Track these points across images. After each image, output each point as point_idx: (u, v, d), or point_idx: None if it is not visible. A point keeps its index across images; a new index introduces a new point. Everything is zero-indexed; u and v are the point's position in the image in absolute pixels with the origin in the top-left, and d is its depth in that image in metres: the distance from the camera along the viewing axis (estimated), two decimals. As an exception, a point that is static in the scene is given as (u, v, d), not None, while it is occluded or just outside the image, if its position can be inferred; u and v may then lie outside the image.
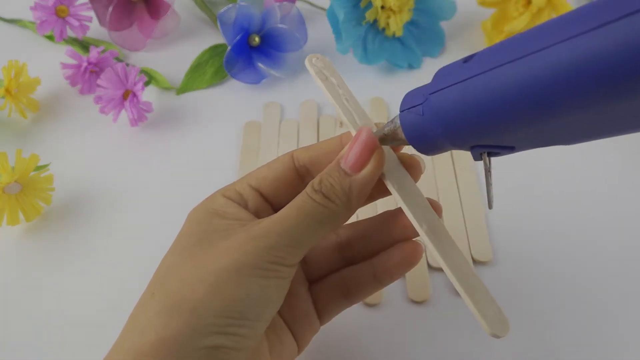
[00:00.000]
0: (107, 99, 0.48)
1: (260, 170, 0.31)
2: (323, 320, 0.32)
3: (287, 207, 0.28)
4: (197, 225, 0.29)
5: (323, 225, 0.28)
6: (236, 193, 0.30)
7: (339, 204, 0.28)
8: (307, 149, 0.31)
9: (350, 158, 0.28)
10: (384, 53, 0.53)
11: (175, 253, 0.28)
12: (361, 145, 0.28)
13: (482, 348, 0.36)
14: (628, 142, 0.47)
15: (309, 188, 0.28)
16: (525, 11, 0.51)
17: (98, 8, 0.55)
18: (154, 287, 0.27)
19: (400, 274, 0.31)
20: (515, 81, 0.21)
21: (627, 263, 0.40)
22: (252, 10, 0.51)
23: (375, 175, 0.28)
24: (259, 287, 0.26)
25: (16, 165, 0.41)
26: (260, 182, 0.30)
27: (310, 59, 0.31)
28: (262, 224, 0.27)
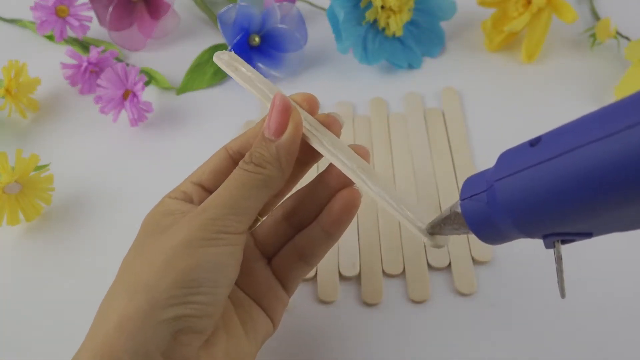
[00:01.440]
0: (107, 99, 0.48)
1: (199, 167, 0.33)
2: (289, 291, 0.34)
3: (224, 183, 0.30)
4: (148, 226, 0.30)
5: (260, 189, 0.30)
6: (181, 192, 0.32)
7: (271, 168, 0.30)
8: (237, 138, 0.33)
9: (271, 125, 0.30)
10: (384, 53, 0.53)
11: (131, 253, 0.30)
12: (277, 110, 0.30)
13: (482, 348, 0.36)
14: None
15: (241, 163, 0.30)
16: (525, 11, 0.51)
17: (98, 8, 0.55)
18: (113, 285, 0.29)
19: (346, 221, 0.33)
20: (592, 165, 0.19)
21: (627, 263, 0.40)
22: (252, 10, 0.51)
23: (297, 134, 0.31)
24: (211, 255, 0.28)
25: (16, 165, 0.41)
26: (200, 177, 0.32)
27: (218, 55, 0.33)
28: (204, 203, 0.30)
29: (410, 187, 0.44)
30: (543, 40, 0.52)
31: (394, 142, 0.47)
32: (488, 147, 0.47)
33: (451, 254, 0.40)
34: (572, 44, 0.55)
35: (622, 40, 0.53)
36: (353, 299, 0.39)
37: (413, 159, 0.46)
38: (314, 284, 0.39)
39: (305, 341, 0.37)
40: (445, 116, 0.49)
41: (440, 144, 0.47)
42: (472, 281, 0.39)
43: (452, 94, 0.51)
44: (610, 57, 0.54)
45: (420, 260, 0.40)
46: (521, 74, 0.53)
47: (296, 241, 0.34)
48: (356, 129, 0.49)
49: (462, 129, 0.48)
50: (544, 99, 0.51)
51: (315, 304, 0.39)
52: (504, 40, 0.54)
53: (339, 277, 0.40)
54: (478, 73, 0.53)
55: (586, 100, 0.50)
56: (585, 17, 0.57)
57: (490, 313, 0.37)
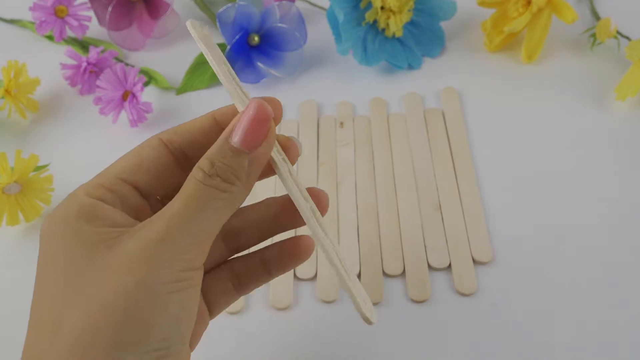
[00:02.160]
0: (106, 100, 0.48)
1: (127, 159, 0.27)
2: (213, 314, 0.30)
3: (179, 199, 0.24)
4: (60, 240, 0.24)
5: (224, 210, 0.25)
6: (105, 190, 0.26)
7: (240, 185, 0.25)
8: (178, 132, 0.28)
9: (246, 135, 0.25)
10: (384, 54, 0.52)
11: (49, 283, 0.24)
12: (257, 120, 0.26)
13: (482, 347, 0.36)
14: (628, 143, 0.47)
15: (200, 173, 0.25)
16: (525, 11, 0.51)
17: (97, 8, 0.55)
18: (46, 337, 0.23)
19: (292, 267, 0.30)
20: None
21: (628, 263, 0.40)
22: (251, 9, 0.51)
23: (270, 149, 0.26)
24: (177, 303, 0.23)
25: (16, 166, 0.41)
26: (133, 173, 0.26)
27: (193, 23, 0.28)
28: (156, 224, 0.24)
29: (410, 187, 0.44)
30: (543, 41, 0.52)
31: (394, 142, 0.47)
32: (488, 147, 0.47)
33: (451, 254, 0.40)
34: (572, 44, 0.55)
35: (622, 40, 0.53)
36: (353, 300, 0.39)
37: (413, 159, 0.46)
38: (314, 283, 0.39)
39: (305, 340, 0.37)
40: (445, 116, 0.49)
41: (440, 144, 0.47)
42: (473, 281, 0.39)
43: (452, 94, 0.51)
44: (611, 57, 0.54)
45: (420, 260, 0.40)
46: (521, 74, 0.53)
47: (234, 267, 0.30)
48: (356, 129, 0.48)
49: (462, 129, 0.48)
50: (544, 99, 0.51)
51: (315, 303, 0.39)
52: (504, 40, 0.54)
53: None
54: (478, 73, 0.53)
55: (586, 100, 0.50)
56: (585, 17, 0.57)
57: (490, 313, 0.37)
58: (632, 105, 0.49)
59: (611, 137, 0.47)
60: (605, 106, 0.50)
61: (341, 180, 0.45)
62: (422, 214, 0.42)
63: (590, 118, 0.49)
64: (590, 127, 0.48)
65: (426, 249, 0.40)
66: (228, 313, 0.38)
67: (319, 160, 0.46)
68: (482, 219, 0.42)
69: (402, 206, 0.43)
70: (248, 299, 0.39)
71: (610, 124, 0.48)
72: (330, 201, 0.43)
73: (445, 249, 0.40)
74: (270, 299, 0.38)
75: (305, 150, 0.47)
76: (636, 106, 0.49)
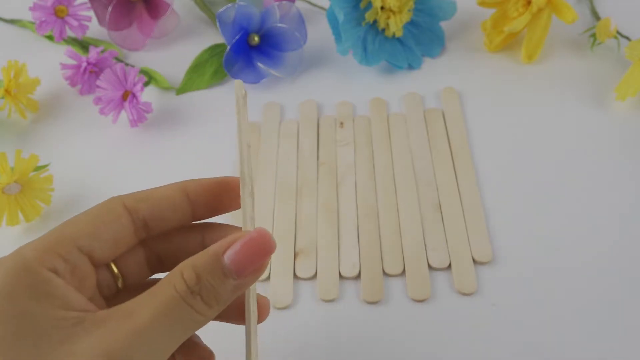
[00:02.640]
0: (106, 100, 0.48)
1: (85, 222, 0.24)
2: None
3: (148, 310, 0.22)
4: (4, 322, 0.21)
5: (192, 332, 0.23)
6: (59, 259, 0.23)
7: (217, 309, 0.23)
8: (144, 200, 0.26)
9: (243, 263, 0.23)
10: (384, 54, 0.52)
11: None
12: (260, 252, 0.24)
13: (483, 346, 0.36)
14: (628, 143, 0.47)
15: (182, 286, 0.22)
16: (525, 11, 0.51)
17: (97, 8, 0.55)
18: None
19: None
20: None
21: (627, 263, 0.40)
22: (251, 9, 0.51)
23: (255, 281, 0.24)
24: None
25: (16, 166, 0.41)
26: (90, 240, 0.24)
27: (242, 84, 0.27)
28: (116, 332, 0.21)
29: (410, 187, 0.44)
30: (543, 41, 0.52)
31: (394, 142, 0.47)
32: (488, 147, 0.47)
33: (451, 254, 0.40)
34: (572, 44, 0.55)
35: (622, 40, 0.53)
36: (353, 298, 0.39)
37: (413, 159, 0.46)
38: (314, 282, 0.39)
39: (306, 340, 0.37)
40: (445, 116, 0.49)
41: (440, 144, 0.47)
42: (473, 281, 0.39)
43: (452, 94, 0.51)
44: (611, 57, 0.54)
45: (420, 260, 0.40)
46: (521, 74, 0.53)
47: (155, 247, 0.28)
48: (356, 130, 0.48)
49: (462, 129, 0.48)
50: (544, 99, 0.51)
51: (315, 302, 0.39)
52: (504, 40, 0.54)
53: (339, 275, 0.40)
54: (478, 73, 0.53)
55: (586, 100, 0.50)
56: (585, 17, 0.57)
57: (490, 313, 0.37)
58: (632, 105, 0.49)
59: (611, 137, 0.47)
60: (605, 106, 0.50)
61: (341, 180, 0.45)
62: (422, 214, 0.42)
63: (590, 118, 0.49)
64: (590, 127, 0.48)
65: (426, 249, 0.40)
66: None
67: (319, 160, 0.46)
68: (482, 218, 0.42)
69: (402, 206, 0.43)
70: (248, 299, 0.39)
71: (610, 124, 0.48)
72: (330, 201, 0.43)
73: (445, 249, 0.40)
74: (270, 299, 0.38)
75: (306, 151, 0.47)
76: (636, 106, 0.49)
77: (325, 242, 0.41)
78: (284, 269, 0.40)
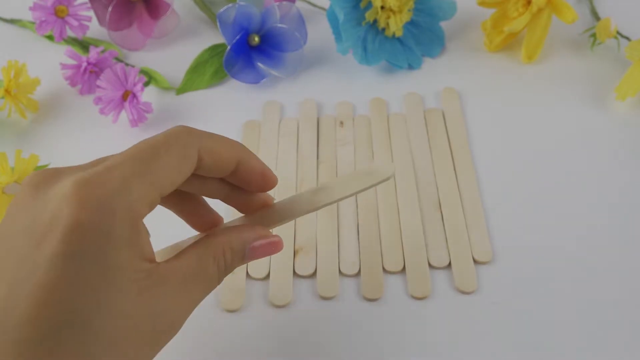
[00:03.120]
0: (106, 100, 0.48)
1: (168, 170, 0.26)
2: None
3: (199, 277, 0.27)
4: (83, 263, 0.23)
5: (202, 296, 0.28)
6: (149, 211, 0.26)
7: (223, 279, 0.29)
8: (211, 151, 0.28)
9: (257, 254, 0.30)
10: (384, 53, 0.52)
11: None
12: (271, 252, 0.30)
13: (483, 345, 0.36)
14: (628, 143, 0.47)
15: (222, 266, 0.28)
16: (525, 11, 0.51)
17: (97, 8, 0.55)
18: None
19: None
20: None
21: (627, 263, 0.40)
22: (251, 9, 0.51)
23: None
24: None
25: (16, 166, 0.41)
26: (169, 190, 0.26)
27: (393, 167, 0.33)
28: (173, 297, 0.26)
29: (410, 186, 0.44)
30: (543, 41, 0.52)
31: (394, 142, 0.47)
32: (488, 147, 0.47)
33: (451, 253, 0.40)
34: (572, 44, 0.55)
35: (622, 40, 0.53)
36: (353, 295, 0.39)
37: (413, 159, 0.46)
38: (314, 280, 0.39)
39: (305, 337, 0.37)
40: (445, 116, 0.49)
41: (440, 144, 0.47)
42: (473, 279, 0.39)
43: (452, 94, 0.51)
44: (611, 57, 0.54)
45: (420, 258, 0.40)
46: (521, 74, 0.53)
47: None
48: (356, 129, 0.48)
49: (462, 129, 0.48)
50: (544, 99, 0.51)
51: (315, 299, 0.39)
52: (504, 40, 0.54)
53: (338, 273, 0.40)
54: (478, 73, 0.53)
55: (586, 100, 0.50)
56: (585, 17, 0.57)
57: (491, 311, 0.37)
58: (632, 105, 0.49)
59: (611, 137, 0.47)
60: (605, 106, 0.50)
61: (341, 180, 0.45)
62: (422, 213, 0.42)
63: (590, 118, 0.49)
64: (590, 127, 0.48)
65: (427, 248, 0.40)
66: (227, 311, 0.38)
67: (318, 160, 0.46)
68: (482, 218, 0.42)
69: (402, 205, 0.43)
70: (247, 297, 0.39)
71: (610, 124, 0.48)
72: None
73: (445, 248, 0.40)
74: (269, 297, 0.38)
75: (306, 150, 0.47)
76: (636, 106, 0.49)
77: (325, 239, 0.41)
78: (284, 266, 0.40)
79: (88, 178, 0.24)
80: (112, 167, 0.25)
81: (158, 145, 0.26)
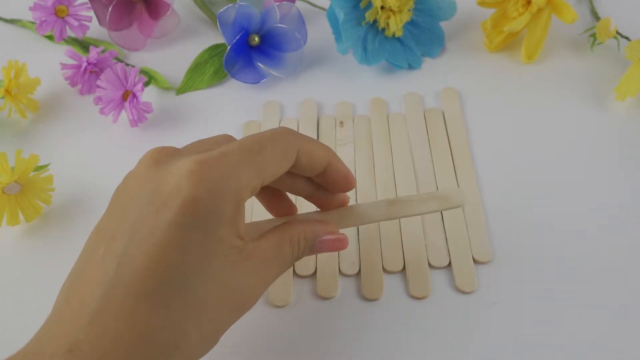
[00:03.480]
0: (106, 100, 0.48)
1: (273, 163, 0.30)
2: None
3: (275, 260, 0.30)
4: (188, 237, 0.27)
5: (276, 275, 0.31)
6: (250, 195, 0.29)
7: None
8: (309, 152, 0.31)
9: (324, 248, 0.33)
10: (384, 53, 0.52)
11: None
12: (337, 248, 0.34)
13: (483, 344, 0.36)
14: (628, 143, 0.47)
15: (296, 253, 0.31)
16: (525, 11, 0.51)
17: (97, 8, 0.55)
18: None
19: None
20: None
21: (627, 263, 0.40)
22: (251, 9, 0.51)
23: None
24: None
25: (16, 166, 0.41)
26: (268, 178, 0.30)
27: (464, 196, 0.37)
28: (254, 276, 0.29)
29: (410, 187, 0.44)
30: (543, 41, 0.52)
31: (394, 142, 0.47)
32: (488, 147, 0.47)
33: (451, 253, 0.40)
34: (572, 44, 0.55)
35: (622, 40, 0.53)
36: (353, 294, 0.39)
37: (413, 159, 0.46)
38: (313, 280, 0.39)
39: (305, 337, 0.37)
40: (445, 116, 0.49)
41: (440, 144, 0.47)
42: (473, 279, 0.39)
43: (452, 94, 0.51)
44: (610, 57, 0.54)
45: (420, 258, 0.40)
46: (521, 74, 0.53)
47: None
48: (356, 129, 0.49)
49: (462, 129, 0.48)
50: (543, 98, 0.51)
51: (314, 299, 0.39)
52: (504, 40, 0.54)
53: (338, 272, 0.40)
54: (478, 73, 0.53)
55: (586, 100, 0.50)
56: (585, 17, 0.57)
57: (491, 310, 0.37)
58: (631, 105, 0.49)
59: (611, 137, 0.47)
60: (605, 106, 0.50)
61: (341, 180, 0.45)
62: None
63: (590, 118, 0.49)
64: (590, 127, 0.48)
65: (427, 248, 0.40)
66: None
67: (319, 160, 0.46)
68: (482, 218, 0.42)
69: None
70: (248, 299, 0.39)
71: (610, 124, 0.48)
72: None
73: (445, 248, 0.40)
74: (269, 297, 0.38)
75: (305, 150, 0.47)
76: (636, 106, 0.49)
77: (325, 241, 0.41)
78: (284, 268, 0.40)
79: (207, 160, 0.27)
80: (227, 153, 0.28)
81: (265, 140, 0.29)
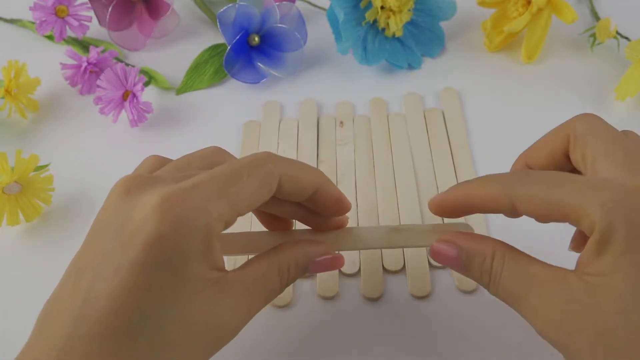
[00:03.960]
0: (106, 99, 0.48)
1: (249, 195, 0.28)
2: None
3: (259, 288, 0.29)
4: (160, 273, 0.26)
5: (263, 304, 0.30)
6: (224, 228, 0.28)
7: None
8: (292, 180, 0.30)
9: (318, 269, 0.32)
10: (384, 53, 0.53)
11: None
12: (332, 268, 0.32)
13: (483, 344, 0.36)
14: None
15: (285, 282, 0.30)
16: (525, 11, 0.51)
17: (97, 8, 0.55)
18: None
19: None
20: None
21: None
22: (251, 9, 0.51)
23: None
24: None
25: (16, 166, 0.41)
26: (245, 210, 0.28)
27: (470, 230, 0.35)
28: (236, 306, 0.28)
29: (410, 187, 0.44)
30: (543, 41, 0.52)
31: (394, 142, 0.47)
32: (488, 147, 0.47)
33: (451, 254, 0.40)
34: (572, 44, 0.55)
35: (622, 40, 0.53)
36: (353, 294, 0.39)
37: (413, 159, 0.46)
38: (314, 279, 0.39)
39: (306, 337, 0.37)
40: (445, 116, 0.49)
41: (440, 144, 0.47)
42: (473, 281, 0.39)
43: (452, 94, 0.51)
44: (610, 57, 0.54)
45: (420, 257, 0.40)
46: (521, 74, 0.53)
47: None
48: (356, 129, 0.49)
49: (462, 129, 0.48)
50: (543, 98, 0.51)
51: (315, 299, 0.39)
52: (504, 40, 0.54)
53: (338, 272, 0.40)
54: (478, 73, 0.53)
55: (586, 100, 0.50)
56: (585, 17, 0.57)
57: (490, 310, 0.37)
58: (631, 106, 0.49)
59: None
60: (605, 106, 0.50)
61: (341, 177, 0.45)
62: (422, 212, 0.42)
63: (590, 118, 0.49)
64: (590, 126, 0.48)
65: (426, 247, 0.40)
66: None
67: (319, 160, 0.46)
68: (482, 219, 0.42)
69: (402, 205, 0.43)
70: (248, 299, 0.39)
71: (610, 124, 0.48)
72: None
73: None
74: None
75: (306, 150, 0.47)
76: (636, 106, 0.49)
77: (325, 241, 0.41)
78: (284, 268, 0.40)
79: (173, 193, 0.26)
80: (198, 184, 0.27)
81: (242, 169, 0.28)
